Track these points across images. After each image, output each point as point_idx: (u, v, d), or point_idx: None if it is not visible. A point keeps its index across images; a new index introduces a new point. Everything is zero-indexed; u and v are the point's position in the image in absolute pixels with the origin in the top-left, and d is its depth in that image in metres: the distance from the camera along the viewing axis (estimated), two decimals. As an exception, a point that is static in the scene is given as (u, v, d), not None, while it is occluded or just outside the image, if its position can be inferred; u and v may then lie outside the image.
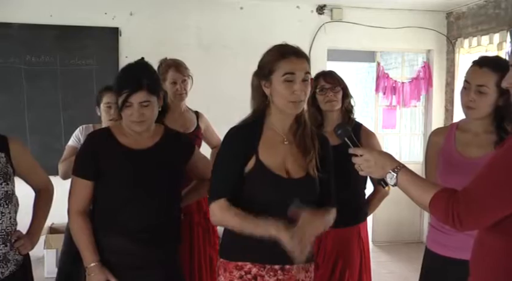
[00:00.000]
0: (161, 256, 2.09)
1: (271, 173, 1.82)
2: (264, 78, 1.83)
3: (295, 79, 1.80)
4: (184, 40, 5.03)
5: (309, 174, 1.87)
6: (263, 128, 1.88)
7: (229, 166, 1.84)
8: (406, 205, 5.30)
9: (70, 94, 4.86)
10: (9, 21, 4.77)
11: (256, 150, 1.83)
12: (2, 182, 1.93)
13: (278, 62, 1.80)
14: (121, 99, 1.99)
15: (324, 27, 5.37)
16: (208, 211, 3.07)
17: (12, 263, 1.99)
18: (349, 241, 2.55)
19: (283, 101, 1.82)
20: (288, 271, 1.84)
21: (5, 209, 1.95)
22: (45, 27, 4.84)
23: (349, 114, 2.63)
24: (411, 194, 1.54)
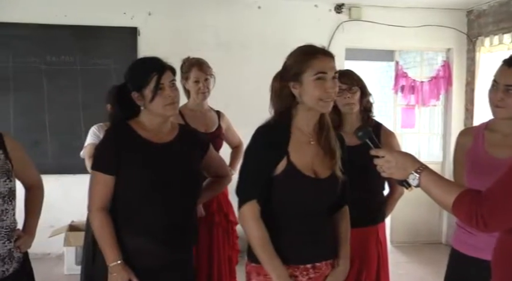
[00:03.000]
0: (180, 257, 2.10)
1: (302, 174, 1.83)
2: (293, 79, 1.83)
3: (327, 78, 1.81)
4: (202, 39, 5.04)
5: (333, 174, 1.89)
6: (290, 129, 1.88)
7: (260, 167, 1.83)
8: (425, 205, 5.27)
9: (89, 93, 4.90)
10: (30, 22, 4.83)
11: (287, 151, 1.83)
12: (5, 179, 1.94)
13: (308, 62, 1.80)
14: (152, 86, 1.98)
15: (342, 26, 5.34)
16: (229, 212, 3.12)
17: (15, 260, 2.00)
18: (367, 241, 2.53)
19: (315, 100, 1.82)
20: (318, 268, 1.89)
21: (8, 206, 1.96)
22: (65, 27, 4.89)
23: (368, 113, 2.60)
24: (434, 195, 1.52)
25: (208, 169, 2.28)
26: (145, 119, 2.07)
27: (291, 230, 1.85)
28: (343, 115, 2.55)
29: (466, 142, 2.19)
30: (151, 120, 2.06)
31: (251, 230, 1.82)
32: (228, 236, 3.12)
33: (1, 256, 1.92)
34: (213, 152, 2.32)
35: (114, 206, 2.03)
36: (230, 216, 3.12)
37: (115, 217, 2.03)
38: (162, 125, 2.08)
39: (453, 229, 2.16)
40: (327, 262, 1.93)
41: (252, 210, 1.82)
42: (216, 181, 2.38)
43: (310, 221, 1.87)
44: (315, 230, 1.88)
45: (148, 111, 2.05)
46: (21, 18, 4.82)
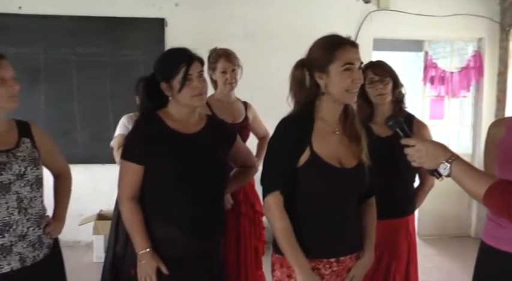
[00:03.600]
0: (207, 247, 2.12)
1: (326, 164, 1.82)
2: (319, 69, 1.81)
3: (354, 68, 1.80)
4: (229, 30, 5.04)
5: (360, 163, 1.88)
6: (314, 120, 1.87)
7: (284, 158, 1.83)
8: (454, 197, 5.20)
9: (118, 84, 4.96)
10: (60, 14, 4.90)
11: (310, 142, 1.83)
12: (33, 167, 1.98)
13: (336, 52, 1.79)
14: (180, 76, 2.00)
15: (370, 16, 5.27)
16: (255, 202, 3.13)
17: (45, 246, 2.05)
18: (397, 232, 2.52)
19: (342, 91, 1.81)
20: (342, 261, 1.89)
21: (36, 193, 2.00)
22: (94, 18, 4.95)
23: (399, 104, 2.57)
24: (465, 185, 1.50)
25: (235, 159, 2.29)
26: (174, 109, 2.08)
27: (315, 223, 1.85)
28: (374, 106, 2.54)
29: (498, 133, 2.14)
30: (179, 110, 2.08)
31: (274, 220, 1.83)
32: (255, 226, 3.13)
33: (31, 242, 1.97)
34: (240, 142, 2.33)
35: (143, 195, 2.06)
36: (257, 206, 3.13)
37: (144, 206, 2.05)
38: (189, 115, 2.09)
39: (483, 221, 2.11)
40: (352, 255, 1.92)
41: (276, 200, 1.82)
42: (242, 171, 2.39)
43: (336, 213, 1.86)
44: (340, 222, 1.87)
45: (176, 101, 2.06)
46: (53, 11, 4.90)
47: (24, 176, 1.94)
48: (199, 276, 2.10)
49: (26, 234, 1.95)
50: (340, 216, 1.87)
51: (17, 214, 1.92)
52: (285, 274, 1.88)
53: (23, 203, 1.94)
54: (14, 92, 1.93)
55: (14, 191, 1.91)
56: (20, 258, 1.93)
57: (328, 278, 1.88)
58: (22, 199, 1.93)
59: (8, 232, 1.90)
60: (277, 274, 1.91)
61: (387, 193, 2.06)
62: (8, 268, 1.90)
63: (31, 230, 1.97)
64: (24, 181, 1.94)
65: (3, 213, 1.89)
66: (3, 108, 1.94)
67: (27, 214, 1.95)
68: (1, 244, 1.89)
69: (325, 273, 1.86)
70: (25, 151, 1.99)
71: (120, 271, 2.23)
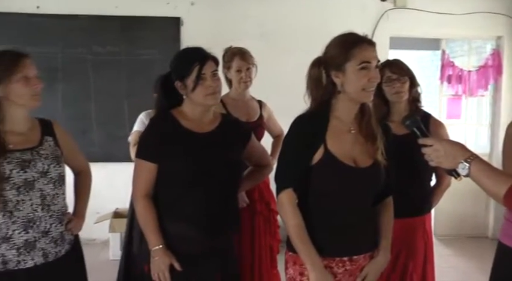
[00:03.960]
0: (221, 244, 2.12)
1: (340, 163, 1.81)
2: (335, 68, 1.81)
3: (370, 67, 1.79)
4: (244, 30, 5.04)
5: (375, 162, 1.86)
6: (329, 118, 1.86)
7: (297, 155, 1.83)
8: (471, 197, 5.15)
9: (133, 83, 4.99)
10: (77, 13, 4.94)
11: (324, 140, 1.82)
12: (55, 165, 2.01)
13: (352, 51, 1.78)
14: (194, 75, 2.01)
15: (387, 14, 5.22)
16: (270, 201, 3.14)
17: (66, 242, 2.08)
18: (414, 231, 2.51)
19: (358, 89, 1.80)
20: (355, 261, 1.88)
21: (59, 191, 2.03)
22: (110, 18, 4.99)
23: (416, 103, 2.56)
24: (484, 185, 1.49)
25: (250, 158, 2.30)
26: (188, 108, 2.10)
27: (328, 222, 1.84)
28: (391, 104, 2.53)
29: None
30: (193, 109, 2.09)
31: (287, 217, 1.83)
32: (270, 225, 3.13)
33: (54, 238, 2.01)
34: (255, 141, 2.33)
35: (157, 193, 2.08)
36: (271, 205, 3.14)
37: (158, 203, 2.07)
38: (203, 114, 2.10)
39: (500, 222, 2.09)
40: (366, 255, 1.91)
41: (288, 197, 1.82)
42: (257, 170, 2.39)
43: (349, 212, 1.85)
44: (354, 222, 1.86)
45: (190, 100, 2.08)
46: (71, 10, 4.94)
47: (48, 174, 1.98)
48: (212, 273, 2.11)
49: (49, 230, 1.99)
50: (353, 215, 1.86)
51: (41, 211, 1.96)
52: (298, 271, 1.87)
53: (46, 200, 1.98)
54: (37, 91, 1.97)
55: (37, 188, 1.95)
56: (43, 253, 1.97)
57: (341, 277, 1.87)
58: (45, 196, 1.97)
59: (32, 228, 1.94)
60: (290, 271, 1.91)
61: (404, 192, 2.05)
62: (32, 263, 1.95)
63: (54, 226, 2.01)
64: (48, 178, 1.98)
65: (28, 209, 1.93)
66: (26, 106, 1.98)
67: (50, 210, 1.99)
68: (25, 240, 1.93)
69: (338, 272, 1.86)
70: (48, 149, 2.03)
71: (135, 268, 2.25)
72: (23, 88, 1.92)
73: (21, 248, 1.93)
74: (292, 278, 1.91)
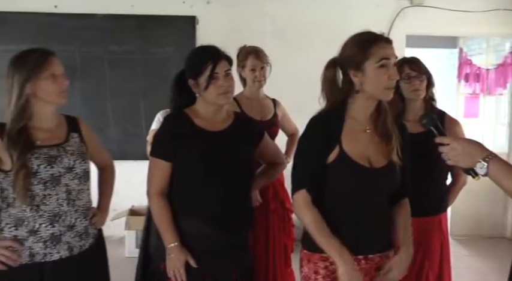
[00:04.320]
0: (235, 241, 2.14)
1: (355, 163, 1.80)
2: (354, 67, 1.80)
3: (389, 64, 1.77)
4: (260, 28, 5.04)
5: (390, 162, 1.85)
6: (345, 118, 1.85)
7: (312, 156, 1.83)
8: (488, 196, 5.08)
9: (149, 82, 5.02)
10: (94, 12, 4.99)
11: (339, 140, 1.82)
12: (81, 161, 2.05)
13: (371, 49, 1.77)
14: (207, 74, 2.02)
15: (403, 12, 5.18)
16: (285, 199, 3.14)
17: (91, 236, 2.12)
18: (430, 230, 2.49)
19: (378, 88, 1.79)
20: (370, 259, 1.87)
21: (84, 186, 2.08)
22: (127, 17, 5.02)
23: (431, 102, 2.55)
24: (503, 184, 1.47)
25: (263, 156, 2.31)
26: (201, 107, 2.11)
27: (344, 221, 1.83)
28: (407, 102, 2.51)
29: None
30: (206, 108, 2.10)
31: (305, 217, 1.83)
32: (284, 223, 3.13)
33: (79, 232, 2.06)
34: (268, 139, 2.34)
35: (171, 190, 2.10)
36: (286, 203, 3.14)
37: (172, 200, 2.10)
38: (216, 113, 2.12)
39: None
40: (381, 254, 1.90)
41: (303, 198, 1.82)
42: (270, 167, 2.41)
43: (365, 212, 1.84)
44: (370, 221, 1.85)
45: (203, 99, 2.09)
46: (87, 9, 4.99)
47: (73, 170, 2.02)
48: (227, 270, 2.12)
49: (73, 225, 2.04)
50: (368, 215, 1.85)
51: (66, 205, 2.00)
52: (312, 270, 1.87)
53: (72, 195, 2.02)
54: (64, 88, 2.02)
55: (63, 184, 1.99)
56: (68, 247, 2.02)
57: None
58: (71, 191, 2.02)
59: (58, 222, 1.99)
60: (305, 269, 1.91)
61: (419, 191, 2.03)
62: (58, 256, 2.00)
63: (78, 221, 2.05)
64: (73, 174, 2.02)
65: (54, 204, 1.97)
66: (53, 103, 2.03)
67: (75, 205, 2.04)
68: (51, 233, 1.98)
69: None
70: (74, 146, 2.08)
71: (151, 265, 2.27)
72: (51, 85, 1.97)
73: (48, 242, 1.98)
74: (306, 276, 1.91)
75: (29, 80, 1.93)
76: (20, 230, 1.97)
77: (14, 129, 1.93)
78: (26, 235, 1.96)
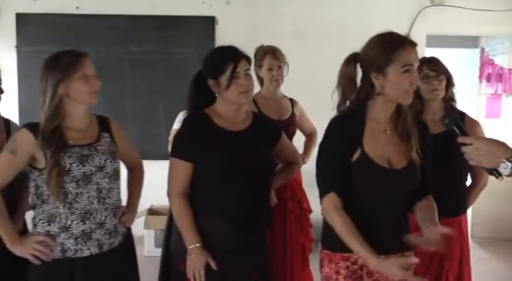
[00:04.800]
0: (255, 241, 2.14)
1: (376, 164, 1.80)
2: (376, 70, 1.77)
3: (413, 70, 1.75)
4: (279, 28, 5.03)
5: (411, 162, 1.84)
6: (365, 120, 1.84)
7: (337, 158, 1.82)
8: (509, 198, 5.00)
9: (169, 82, 5.05)
10: (114, 13, 5.04)
11: (361, 141, 1.81)
12: (111, 160, 2.09)
13: (395, 53, 1.73)
14: (228, 74, 2.03)
15: (424, 11, 5.13)
16: (302, 200, 3.13)
17: (120, 234, 2.16)
18: None
19: (400, 92, 1.77)
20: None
21: (114, 185, 2.11)
22: (147, 17, 5.06)
23: (451, 102, 2.52)
24: None
25: (279, 155, 2.31)
26: (221, 107, 2.12)
27: (364, 222, 1.82)
28: (425, 102, 2.49)
29: None
30: (226, 108, 2.11)
31: (334, 221, 1.81)
32: (302, 224, 3.13)
33: (108, 230, 2.09)
34: (285, 139, 2.35)
35: (192, 190, 2.11)
36: (304, 204, 3.13)
37: (193, 201, 2.10)
38: (236, 113, 2.13)
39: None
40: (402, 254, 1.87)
41: (332, 202, 1.81)
42: (287, 167, 2.41)
43: (386, 212, 1.84)
44: (390, 222, 1.85)
45: (223, 99, 2.10)
46: (108, 10, 5.04)
47: (104, 168, 2.06)
48: (247, 270, 2.12)
49: (103, 222, 2.07)
50: (388, 216, 1.84)
51: (97, 203, 2.04)
52: (334, 270, 1.87)
53: (102, 193, 2.06)
54: (95, 88, 2.08)
55: (94, 182, 2.03)
56: (98, 244, 2.06)
57: (379, 277, 1.85)
58: (101, 190, 2.05)
59: (88, 219, 2.03)
60: (326, 269, 1.91)
61: (438, 191, 2.01)
62: (88, 253, 2.04)
63: (108, 219, 2.09)
64: (104, 172, 2.06)
65: (85, 202, 2.02)
66: (85, 103, 2.08)
67: (105, 203, 2.07)
68: (82, 230, 2.02)
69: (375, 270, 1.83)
70: (105, 145, 2.12)
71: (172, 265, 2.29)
72: (83, 86, 2.02)
73: (79, 238, 2.02)
74: (327, 276, 1.90)
75: (62, 81, 1.98)
76: (52, 226, 2.02)
77: (48, 129, 1.98)
78: (57, 231, 2.02)
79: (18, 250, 2.01)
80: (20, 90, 5.01)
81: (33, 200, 2.07)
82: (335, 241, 1.87)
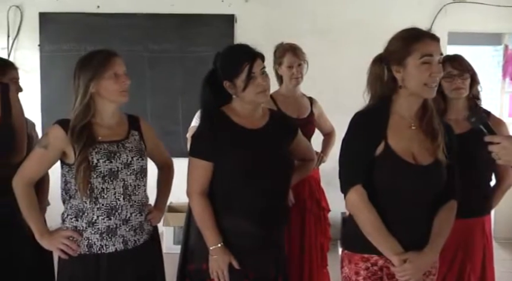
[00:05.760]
0: (275, 239, 2.14)
1: (400, 159, 1.78)
2: (396, 63, 1.78)
3: (432, 61, 1.75)
4: (298, 26, 5.01)
5: (437, 160, 1.82)
6: (390, 114, 1.84)
7: (361, 151, 1.82)
8: (534, 199, 4.90)
9: (188, 80, 5.06)
10: (134, 12, 5.08)
11: (385, 135, 1.80)
12: (138, 158, 2.12)
13: (414, 45, 1.75)
14: (244, 76, 2.01)
15: (445, 8, 5.06)
16: (321, 199, 3.12)
17: (145, 232, 2.18)
18: (472, 233, 2.42)
19: (420, 84, 1.77)
20: None
21: (140, 182, 2.14)
22: (166, 16, 5.09)
23: (475, 101, 2.48)
24: None
25: (294, 153, 2.29)
26: (238, 106, 2.11)
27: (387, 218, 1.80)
28: (448, 101, 2.46)
29: None
30: (244, 107, 2.10)
31: (361, 214, 1.80)
32: (320, 223, 3.11)
33: (133, 226, 2.12)
34: (301, 136, 2.34)
35: (212, 189, 2.09)
36: (322, 203, 3.12)
37: (213, 199, 2.08)
38: (254, 111, 2.12)
39: None
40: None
41: (359, 194, 1.80)
42: (302, 164, 2.40)
43: (409, 210, 1.81)
44: (413, 219, 1.82)
45: (240, 99, 2.09)
46: (128, 9, 5.09)
47: (131, 166, 2.09)
48: (267, 267, 2.11)
49: (129, 219, 2.10)
50: (411, 212, 1.82)
51: (122, 200, 2.07)
52: (353, 270, 1.86)
53: (128, 190, 2.09)
54: (125, 87, 2.10)
55: (121, 179, 2.06)
56: (123, 240, 2.09)
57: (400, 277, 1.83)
58: (127, 186, 2.08)
59: (114, 215, 2.06)
60: (346, 270, 1.90)
61: (462, 191, 1.98)
62: (113, 249, 2.07)
63: (134, 215, 2.12)
64: (130, 169, 2.09)
65: (111, 197, 2.05)
66: (116, 101, 2.11)
67: (131, 200, 2.10)
68: (108, 226, 2.06)
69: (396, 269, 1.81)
70: (133, 143, 2.15)
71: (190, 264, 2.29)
72: (113, 84, 2.06)
73: (104, 234, 2.05)
74: (347, 277, 1.89)
75: (93, 79, 2.03)
76: (79, 221, 2.06)
77: (78, 125, 2.03)
78: (84, 226, 2.05)
79: (46, 243, 2.06)
80: (43, 89, 5.09)
81: (63, 196, 2.12)
82: (355, 241, 1.86)
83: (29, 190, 2.07)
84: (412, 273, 1.78)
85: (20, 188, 2.05)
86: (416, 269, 1.79)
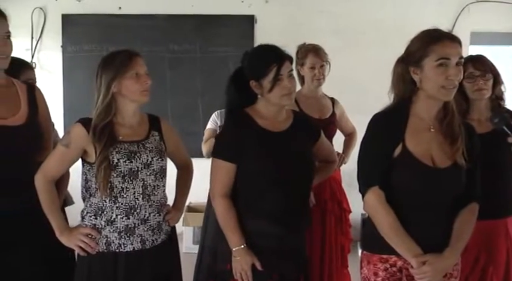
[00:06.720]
0: (298, 240, 2.15)
1: (418, 161, 1.77)
2: (414, 64, 1.78)
3: (449, 64, 1.73)
4: (318, 26, 4.99)
5: (455, 163, 1.80)
6: (409, 115, 1.82)
7: (379, 152, 1.81)
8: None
9: (208, 80, 5.09)
10: (155, 13, 5.12)
11: (403, 137, 1.79)
12: (158, 158, 2.13)
13: (431, 47, 1.74)
14: (271, 77, 2.01)
15: (468, 8, 4.99)
16: (342, 200, 3.11)
17: (163, 232, 2.19)
18: (495, 234, 2.39)
19: (436, 87, 1.75)
20: None
21: (159, 182, 2.15)
22: (187, 17, 5.12)
23: (499, 102, 2.44)
24: None
25: (317, 154, 2.30)
26: (262, 107, 2.11)
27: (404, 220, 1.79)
28: (471, 102, 2.42)
29: None
30: (268, 108, 2.10)
31: (380, 215, 1.80)
32: (341, 224, 3.10)
33: (151, 226, 2.13)
34: (324, 138, 2.33)
35: (236, 191, 2.09)
36: (343, 204, 3.11)
37: (237, 201, 2.08)
38: (278, 113, 2.12)
39: None
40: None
41: (377, 196, 1.79)
42: (324, 166, 2.40)
43: (427, 212, 1.80)
44: (432, 222, 1.80)
45: (266, 100, 2.08)
46: (149, 10, 5.12)
47: (150, 166, 2.10)
48: (291, 269, 2.11)
49: (147, 219, 2.12)
50: (431, 217, 1.80)
51: (141, 200, 2.09)
52: (372, 271, 1.85)
53: (147, 190, 2.10)
54: (146, 87, 2.12)
55: (140, 178, 2.08)
56: (141, 240, 2.10)
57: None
58: (147, 186, 2.10)
59: (133, 214, 2.08)
60: (365, 271, 1.89)
61: (485, 193, 1.96)
62: (131, 248, 2.09)
63: (152, 215, 2.13)
64: (150, 170, 2.10)
65: (130, 197, 2.07)
66: (136, 101, 2.13)
67: (150, 200, 2.11)
68: (126, 225, 2.07)
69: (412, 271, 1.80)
70: (153, 143, 2.16)
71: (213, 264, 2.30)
72: (135, 84, 2.08)
73: (122, 232, 2.07)
74: (366, 277, 1.89)
75: (115, 79, 2.05)
76: (98, 220, 2.08)
77: (100, 125, 2.05)
78: (103, 224, 2.07)
79: (65, 240, 2.08)
80: (65, 89, 5.16)
81: (83, 193, 2.14)
82: (373, 242, 1.85)
83: (50, 187, 2.10)
84: (431, 275, 1.77)
85: (41, 185, 2.08)
86: (435, 271, 1.77)
